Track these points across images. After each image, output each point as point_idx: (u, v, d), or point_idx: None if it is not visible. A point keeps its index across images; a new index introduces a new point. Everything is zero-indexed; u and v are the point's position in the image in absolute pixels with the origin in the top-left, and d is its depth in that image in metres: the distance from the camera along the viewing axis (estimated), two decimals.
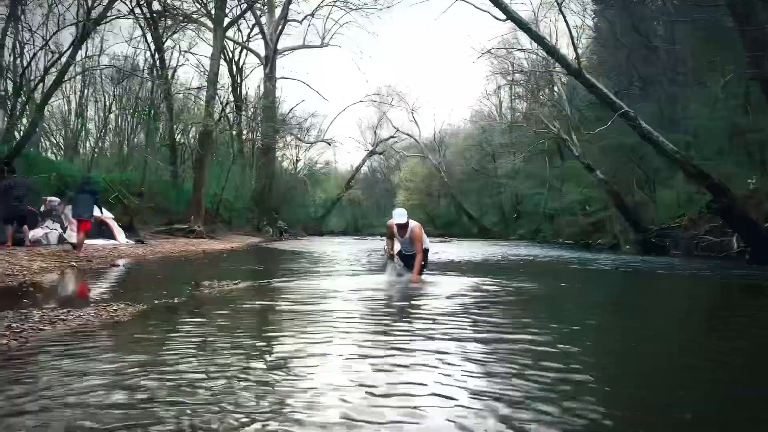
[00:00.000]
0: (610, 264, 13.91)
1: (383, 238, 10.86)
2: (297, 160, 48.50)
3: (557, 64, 18.30)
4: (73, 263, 10.11)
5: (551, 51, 15.39)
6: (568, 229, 30.84)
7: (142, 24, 25.32)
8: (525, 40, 30.48)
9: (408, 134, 48.35)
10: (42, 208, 14.50)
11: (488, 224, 44.25)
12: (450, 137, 53.86)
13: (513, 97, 46.48)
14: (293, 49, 36.34)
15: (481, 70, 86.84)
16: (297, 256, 15.77)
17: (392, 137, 48.61)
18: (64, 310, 4.66)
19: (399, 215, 7.73)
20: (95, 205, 12.35)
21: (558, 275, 10.83)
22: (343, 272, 9.94)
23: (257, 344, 3.74)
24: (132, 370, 2.98)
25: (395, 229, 7.76)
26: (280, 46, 34.47)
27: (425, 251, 7.87)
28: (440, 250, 19.08)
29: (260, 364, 3.16)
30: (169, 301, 5.84)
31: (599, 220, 26.85)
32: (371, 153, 49.94)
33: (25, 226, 12.47)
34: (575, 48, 15.56)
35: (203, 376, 2.90)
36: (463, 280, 8.40)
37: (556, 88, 30.56)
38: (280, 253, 17.51)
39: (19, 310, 4.65)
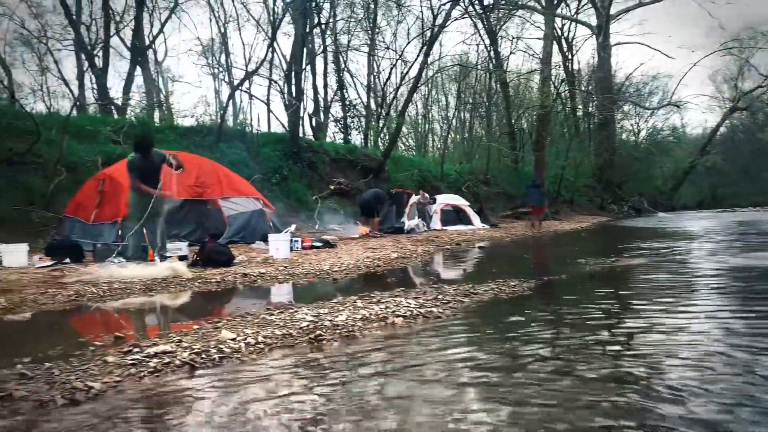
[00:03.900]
0: None
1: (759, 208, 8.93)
2: (638, 129, 44.66)
3: None
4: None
5: None
6: None
7: (475, 20, 26.72)
8: None
9: None
10: (411, 202, 16.33)
11: None
12: None
13: None
14: (627, 10, 33.44)
15: None
16: (656, 233, 14.41)
17: (759, 87, 40.36)
18: (470, 285, 5.08)
19: None
20: (542, 196, 18.35)
21: None
22: (723, 250, 8.59)
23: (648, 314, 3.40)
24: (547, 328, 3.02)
25: None
26: (612, 11, 32.18)
27: None
28: None
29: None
30: (555, 278, 5.92)
31: None
32: (732, 110, 42.48)
33: (375, 218, 14.27)
34: None
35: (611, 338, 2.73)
36: None
37: None
38: (636, 232, 16.30)
39: (431, 286, 5.27)
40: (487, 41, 27.64)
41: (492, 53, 27.73)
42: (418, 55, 22.92)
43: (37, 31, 22.40)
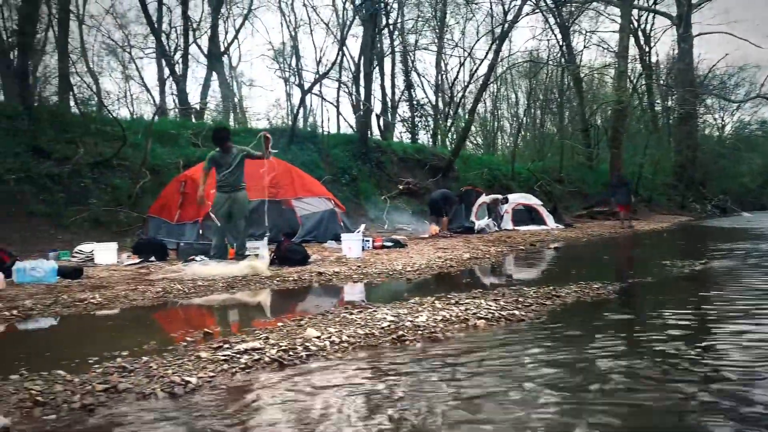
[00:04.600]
0: None
1: None
2: (723, 124, 42.11)
3: None
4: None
5: None
6: None
7: (547, 15, 26.03)
8: None
9: None
10: (479, 202, 16.02)
11: None
12: None
13: None
14: None
15: None
16: (745, 234, 13.52)
17: None
18: (550, 288, 4.91)
19: None
20: (630, 194, 18.09)
21: None
22: None
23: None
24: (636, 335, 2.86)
25: None
26: None
27: None
28: None
29: None
30: (640, 280, 5.65)
31: None
32: None
33: (444, 218, 14.08)
34: None
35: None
36: None
37: None
38: (722, 232, 15.36)
39: (510, 287, 5.13)
40: (559, 36, 26.87)
41: (564, 48, 26.91)
42: (487, 52, 22.63)
43: (121, 40, 23.79)
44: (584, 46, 30.96)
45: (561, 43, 27.06)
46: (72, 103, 15.84)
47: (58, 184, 11.22)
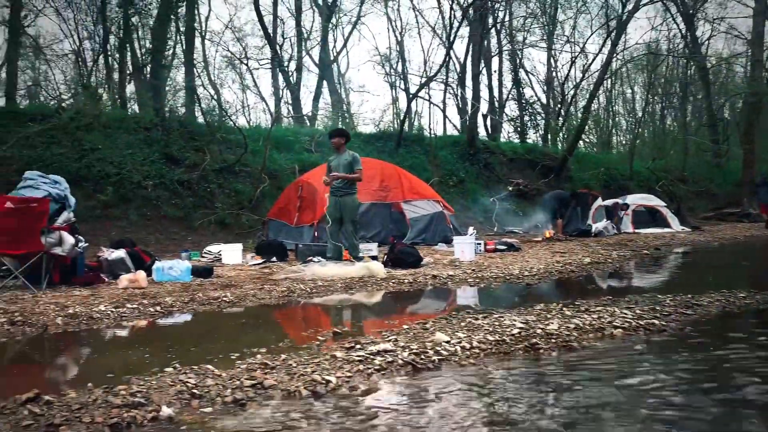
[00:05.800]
0: None
1: None
2: None
3: None
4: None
5: None
6: None
7: (668, 4, 24.27)
8: None
9: None
10: (596, 204, 15.20)
11: None
12: None
13: None
14: None
15: None
16: None
17: None
18: (689, 296, 4.54)
19: None
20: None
21: None
22: None
23: None
24: None
25: None
26: None
27: None
28: None
29: None
30: None
31: None
32: None
33: (558, 220, 13.51)
34: None
35: None
36: None
37: None
38: None
39: (642, 294, 4.80)
40: (682, 25, 24.95)
41: (688, 38, 24.95)
42: (601, 47, 21.53)
43: (239, 53, 25.25)
44: (710, 35, 28.51)
45: (684, 32, 25.12)
46: (197, 113, 17.03)
47: (187, 189, 12.11)
